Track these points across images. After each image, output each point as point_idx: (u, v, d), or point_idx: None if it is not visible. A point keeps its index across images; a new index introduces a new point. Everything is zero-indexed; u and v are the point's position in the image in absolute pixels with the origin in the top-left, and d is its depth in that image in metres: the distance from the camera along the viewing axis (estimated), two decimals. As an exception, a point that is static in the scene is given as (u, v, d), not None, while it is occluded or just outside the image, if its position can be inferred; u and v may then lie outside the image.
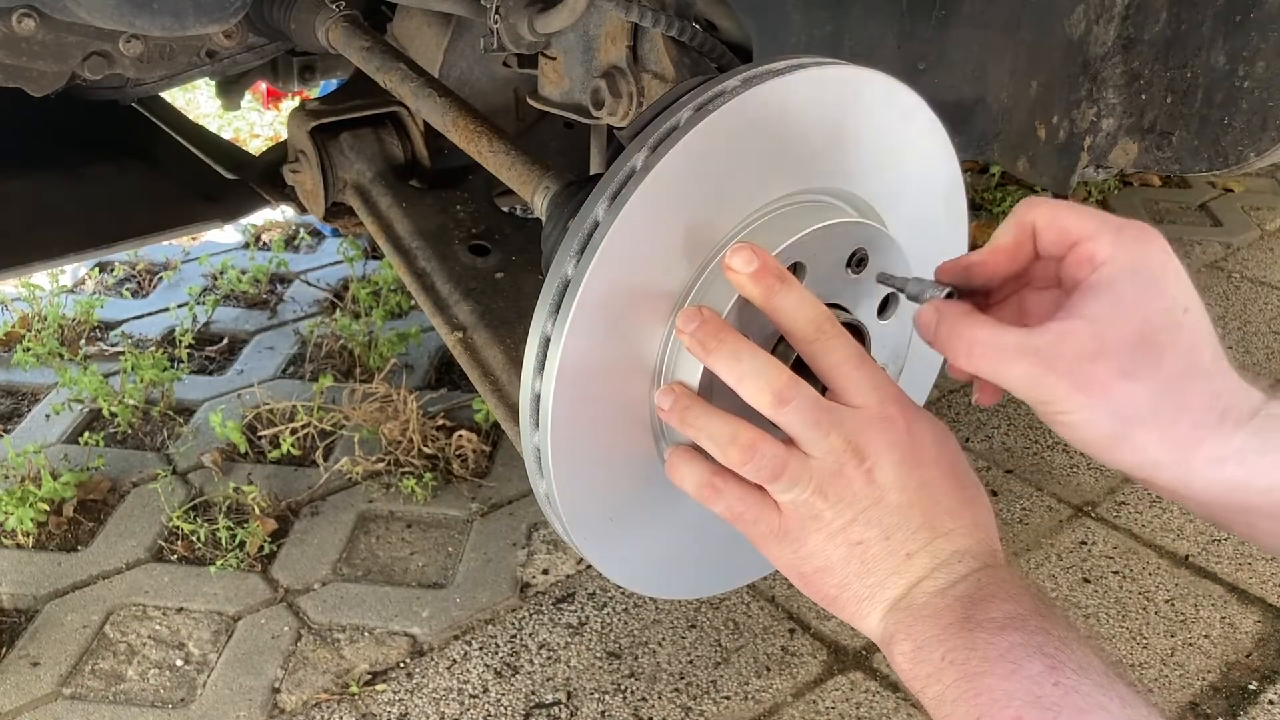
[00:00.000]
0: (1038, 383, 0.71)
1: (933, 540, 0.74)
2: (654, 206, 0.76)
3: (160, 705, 1.70)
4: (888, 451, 0.74)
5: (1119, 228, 0.73)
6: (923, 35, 1.29)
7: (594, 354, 0.77)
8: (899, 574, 0.74)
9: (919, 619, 0.71)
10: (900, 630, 0.72)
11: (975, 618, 0.69)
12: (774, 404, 0.73)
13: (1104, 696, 0.64)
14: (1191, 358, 0.71)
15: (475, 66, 1.67)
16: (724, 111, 0.77)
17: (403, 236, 1.51)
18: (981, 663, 0.67)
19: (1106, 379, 0.70)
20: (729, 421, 0.75)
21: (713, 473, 0.77)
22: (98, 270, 3.06)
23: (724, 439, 0.75)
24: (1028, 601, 0.70)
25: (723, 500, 0.77)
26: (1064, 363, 0.70)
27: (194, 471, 2.22)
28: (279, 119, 4.02)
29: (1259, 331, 2.79)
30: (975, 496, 0.77)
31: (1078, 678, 0.65)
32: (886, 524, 0.74)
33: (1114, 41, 1.48)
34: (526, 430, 0.81)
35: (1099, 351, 0.70)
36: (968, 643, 0.68)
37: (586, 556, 0.87)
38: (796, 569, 0.77)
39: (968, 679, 0.67)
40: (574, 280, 0.76)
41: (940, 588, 0.72)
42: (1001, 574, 0.72)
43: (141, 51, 1.46)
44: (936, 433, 0.77)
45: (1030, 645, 0.67)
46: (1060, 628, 0.68)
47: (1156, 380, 0.70)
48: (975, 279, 0.79)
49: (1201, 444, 0.71)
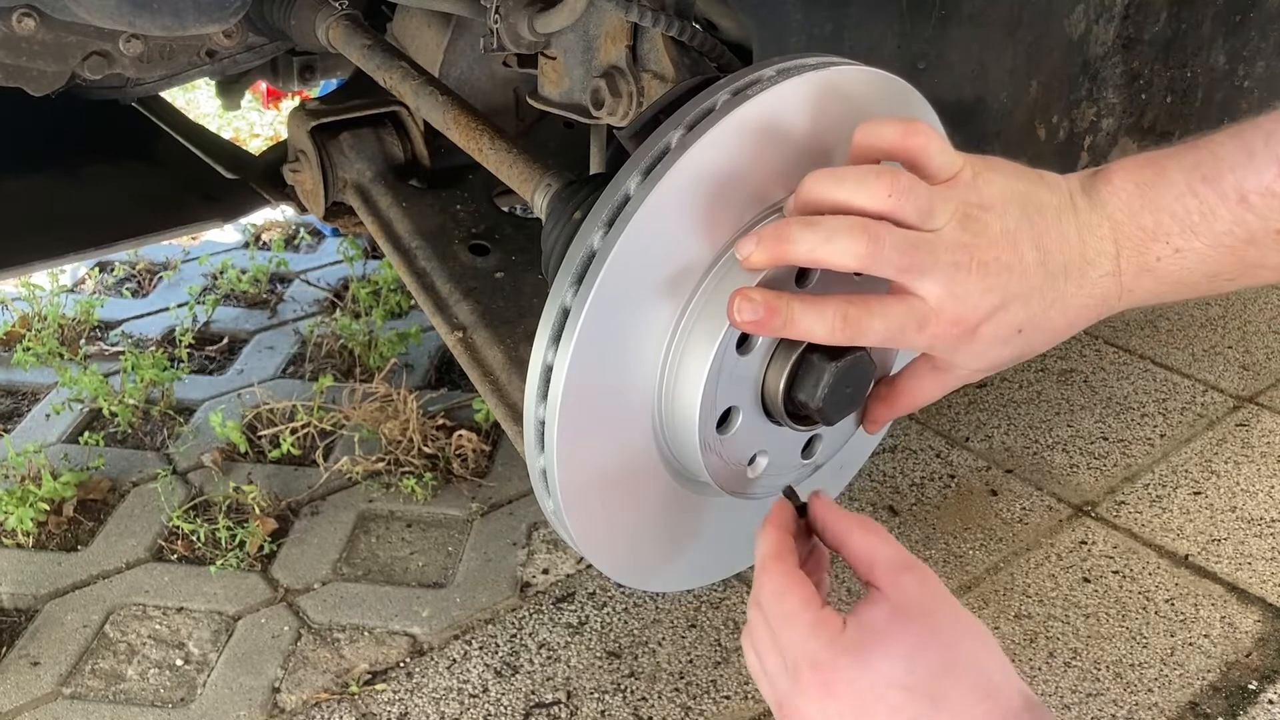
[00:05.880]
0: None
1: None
2: (686, 185, 0.76)
3: (160, 705, 1.70)
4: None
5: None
6: (923, 35, 1.29)
7: (612, 330, 0.77)
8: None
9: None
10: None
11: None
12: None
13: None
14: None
15: (475, 66, 1.67)
16: (763, 97, 0.77)
17: (403, 236, 1.51)
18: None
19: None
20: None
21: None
22: (98, 270, 3.06)
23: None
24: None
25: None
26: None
27: (194, 471, 2.22)
28: (279, 119, 4.02)
29: (1259, 331, 2.79)
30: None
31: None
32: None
33: (1114, 41, 1.48)
34: (532, 405, 0.81)
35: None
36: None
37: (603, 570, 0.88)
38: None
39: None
40: (600, 251, 0.76)
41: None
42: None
43: (141, 51, 1.46)
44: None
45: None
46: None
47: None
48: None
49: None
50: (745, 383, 0.82)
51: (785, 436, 0.87)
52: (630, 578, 0.93)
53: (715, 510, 0.92)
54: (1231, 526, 2.09)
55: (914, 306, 0.74)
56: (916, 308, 0.74)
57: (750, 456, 0.86)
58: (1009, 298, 0.74)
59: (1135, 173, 0.76)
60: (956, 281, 0.73)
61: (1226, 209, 0.73)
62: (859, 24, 1.24)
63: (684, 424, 0.81)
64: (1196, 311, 2.87)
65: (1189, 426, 2.40)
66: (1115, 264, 0.76)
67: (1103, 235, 0.76)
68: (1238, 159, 0.72)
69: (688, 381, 0.80)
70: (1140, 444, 2.34)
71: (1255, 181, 0.72)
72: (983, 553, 2.03)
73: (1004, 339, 0.76)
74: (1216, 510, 2.14)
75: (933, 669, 0.72)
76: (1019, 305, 0.75)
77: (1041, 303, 0.75)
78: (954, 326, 0.74)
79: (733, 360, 0.80)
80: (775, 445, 0.87)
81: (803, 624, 0.74)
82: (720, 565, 0.99)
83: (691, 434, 0.81)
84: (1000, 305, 0.74)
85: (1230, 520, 2.11)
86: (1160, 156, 0.76)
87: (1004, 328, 0.75)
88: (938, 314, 0.74)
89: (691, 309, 0.79)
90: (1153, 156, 0.76)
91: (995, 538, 2.07)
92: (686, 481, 0.88)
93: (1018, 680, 0.74)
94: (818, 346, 0.81)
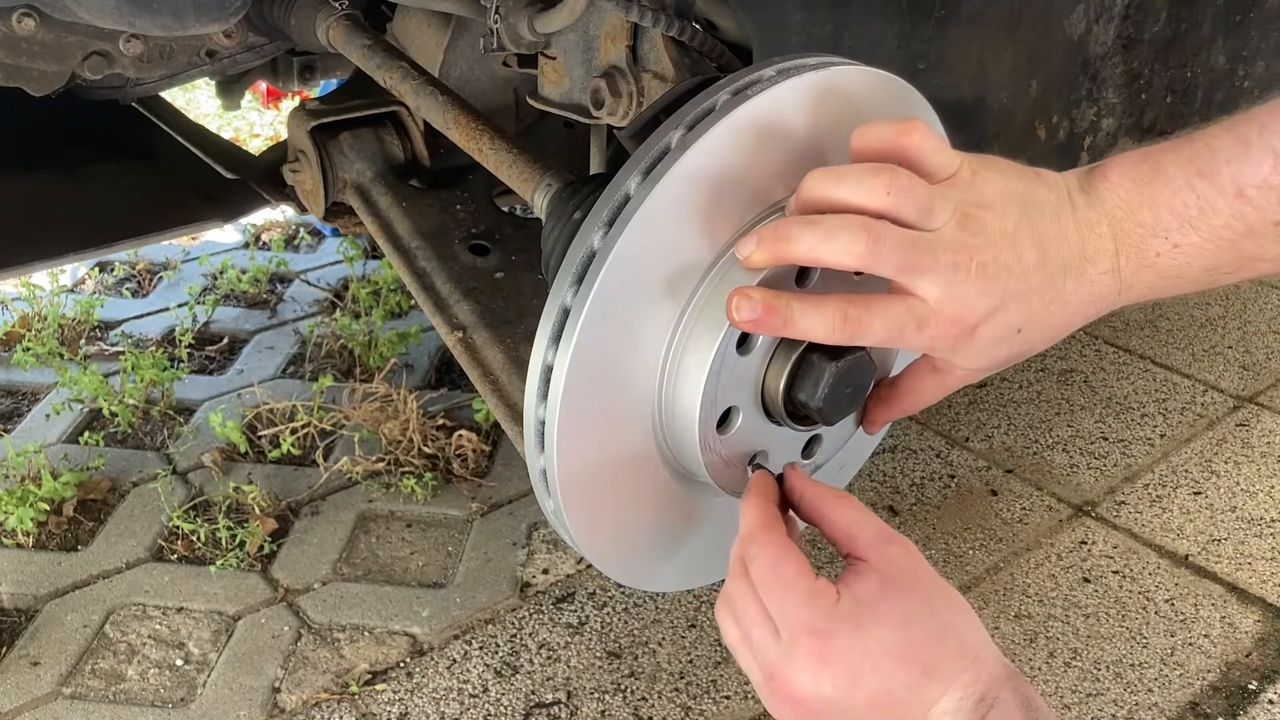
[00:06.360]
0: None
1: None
2: (687, 185, 0.76)
3: (160, 705, 1.70)
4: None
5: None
6: (923, 35, 1.29)
7: (612, 330, 0.77)
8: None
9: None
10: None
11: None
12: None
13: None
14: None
15: (475, 66, 1.67)
16: (763, 97, 0.77)
17: (403, 236, 1.51)
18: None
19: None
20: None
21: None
22: (98, 270, 3.06)
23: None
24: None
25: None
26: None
27: (194, 471, 2.22)
28: (279, 119, 4.02)
29: (1259, 331, 2.79)
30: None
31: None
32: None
33: (1114, 41, 1.48)
34: (532, 405, 0.80)
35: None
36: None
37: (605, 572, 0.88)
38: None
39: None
40: (601, 251, 0.75)
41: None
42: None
43: (141, 51, 1.46)
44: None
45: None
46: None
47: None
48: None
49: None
50: (745, 383, 0.82)
51: (785, 436, 0.87)
52: (630, 578, 0.93)
53: (715, 510, 0.92)
54: (1231, 526, 2.10)
55: (914, 306, 0.74)
56: (916, 308, 0.74)
57: (751, 456, 0.86)
58: (1008, 298, 0.74)
59: (1132, 169, 0.76)
60: (955, 282, 0.73)
61: (1224, 203, 0.73)
62: (859, 24, 1.24)
63: (684, 423, 0.81)
64: (1196, 311, 2.87)
65: (1189, 426, 2.40)
66: (1114, 261, 0.76)
67: (1101, 233, 0.76)
68: (1234, 152, 0.73)
69: (688, 381, 0.80)
70: (1140, 444, 2.34)
71: (1252, 174, 0.72)
72: (983, 553, 2.03)
73: (1003, 338, 0.76)
74: (1216, 510, 2.14)
75: (923, 638, 0.74)
76: (1018, 305, 0.75)
77: (1040, 302, 0.75)
78: (953, 326, 0.74)
79: (733, 360, 0.80)
80: (775, 445, 0.87)
81: (799, 593, 0.75)
82: (720, 565, 0.99)
83: (692, 433, 0.81)
84: (999, 306, 0.74)
85: (1230, 520, 2.11)
86: (1156, 152, 0.76)
87: (1003, 327, 0.75)
88: (937, 314, 0.74)
89: (692, 309, 0.79)
90: (1149, 152, 0.76)
91: (995, 538, 2.07)
92: (687, 482, 0.88)
93: (998, 650, 0.76)
94: (818, 346, 0.81)
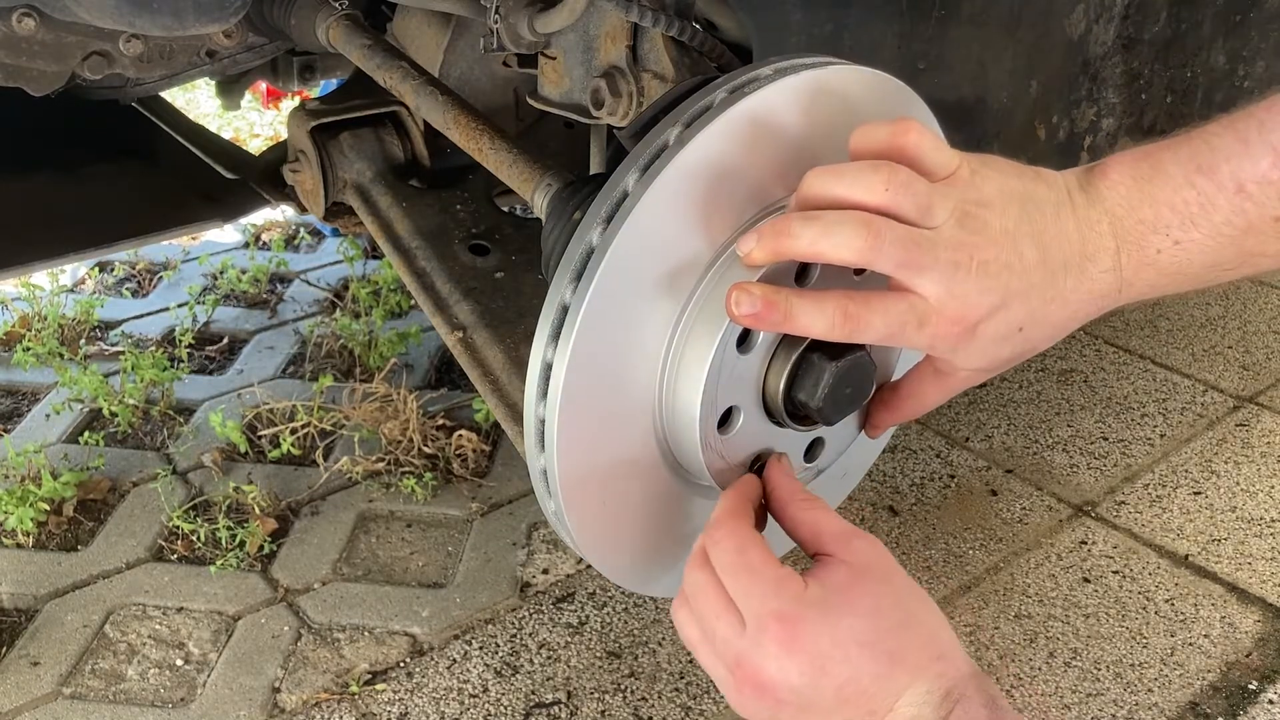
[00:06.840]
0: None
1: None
2: (684, 181, 0.76)
3: (160, 705, 1.70)
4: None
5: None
6: (923, 35, 1.29)
7: (612, 326, 0.77)
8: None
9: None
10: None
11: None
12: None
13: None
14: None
15: (475, 66, 1.67)
16: (759, 95, 0.77)
17: (403, 236, 1.51)
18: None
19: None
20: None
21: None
22: (98, 270, 3.06)
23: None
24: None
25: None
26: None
27: (194, 471, 2.22)
28: (279, 119, 4.02)
29: (1259, 331, 2.79)
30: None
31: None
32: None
33: (1114, 41, 1.48)
34: (532, 403, 0.80)
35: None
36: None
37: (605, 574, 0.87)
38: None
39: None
40: (599, 248, 0.75)
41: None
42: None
43: (141, 51, 1.46)
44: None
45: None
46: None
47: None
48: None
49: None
50: (746, 382, 0.82)
51: (787, 438, 0.87)
52: (630, 580, 0.92)
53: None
54: (1231, 526, 2.10)
55: (914, 304, 0.74)
56: (917, 305, 0.73)
57: (754, 459, 0.86)
58: (1009, 296, 0.74)
59: (1132, 167, 0.76)
60: (956, 280, 0.73)
61: (1224, 199, 0.73)
62: (859, 24, 1.24)
63: (685, 422, 0.81)
64: (1196, 311, 2.87)
65: (1189, 426, 2.40)
66: (1115, 259, 0.76)
67: (1102, 231, 0.76)
68: (1233, 149, 0.73)
69: (688, 379, 0.80)
70: (1140, 444, 2.34)
71: (1251, 170, 0.72)
72: (983, 553, 2.03)
73: (1005, 337, 0.76)
74: (1216, 510, 2.14)
75: (891, 627, 0.74)
76: (1019, 304, 0.75)
77: (1041, 300, 0.75)
78: (954, 325, 0.74)
79: (733, 359, 0.80)
80: (777, 447, 0.87)
81: (767, 579, 0.75)
82: None
83: (692, 433, 0.81)
84: (1000, 304, 0.74)
85: (1230, 520, 2.11)
86: (1156, 149, 0.76)
87: (1004, 326, 0.75)
88: (938, 312, 0.73)
89: (692, 306, 0.79)
90: (1148, 150, 0.77)
91: (995, 538, 2.07)
92: (687, 482, 0.88)
93: (964, 651, 0.76)
94: (818, 346, 0.80)
